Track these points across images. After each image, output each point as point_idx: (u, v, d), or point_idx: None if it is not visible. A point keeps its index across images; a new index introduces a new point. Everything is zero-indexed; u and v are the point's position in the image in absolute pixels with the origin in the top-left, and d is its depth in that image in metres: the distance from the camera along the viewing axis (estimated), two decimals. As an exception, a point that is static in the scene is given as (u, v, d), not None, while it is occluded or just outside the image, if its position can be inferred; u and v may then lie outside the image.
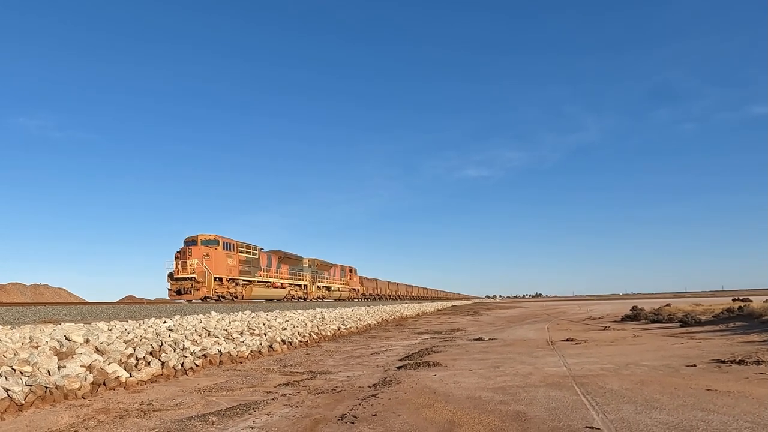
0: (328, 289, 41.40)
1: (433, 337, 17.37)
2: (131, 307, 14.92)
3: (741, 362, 8.43)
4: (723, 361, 8.68)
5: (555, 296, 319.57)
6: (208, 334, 12.08)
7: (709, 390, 6.41)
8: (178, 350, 9.92)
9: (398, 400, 6.46)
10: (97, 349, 8.40)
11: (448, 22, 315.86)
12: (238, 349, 11.41)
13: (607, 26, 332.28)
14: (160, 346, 9.73)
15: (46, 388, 6.53)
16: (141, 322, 12.01)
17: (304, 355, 12.38)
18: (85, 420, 5.72)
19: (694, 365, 8.52)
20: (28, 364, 6.80)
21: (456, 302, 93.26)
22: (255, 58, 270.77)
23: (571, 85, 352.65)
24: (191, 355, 9.87)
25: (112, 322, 11.13)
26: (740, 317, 17.39)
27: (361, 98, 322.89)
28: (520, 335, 17.31)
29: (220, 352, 10.75)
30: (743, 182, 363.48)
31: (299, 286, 35.56)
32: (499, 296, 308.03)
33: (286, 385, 7.99)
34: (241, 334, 13.16)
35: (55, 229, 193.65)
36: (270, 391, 7.42)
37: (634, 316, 23.47)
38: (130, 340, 9.58)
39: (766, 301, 20.77)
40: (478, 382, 7.58)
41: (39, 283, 46.54)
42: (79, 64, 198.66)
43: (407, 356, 11.54)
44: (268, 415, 5.86)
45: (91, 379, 7.26)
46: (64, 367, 7.17)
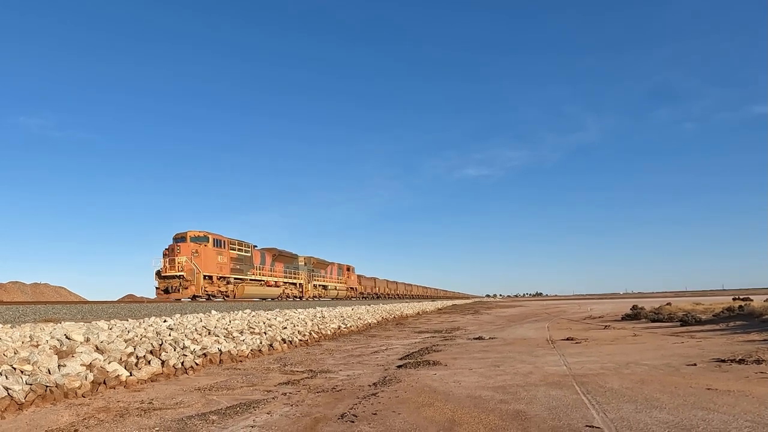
0: (324, 288, 40.58)
1: (433, 336, 17.38)
2: (131, 306, 14.93)
3: (741, 361, 8.43)
4: (723, 360, 8.68)
5: (555, 295, 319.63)
6: (209, 333, 12.09)
7: (709, 389, 6.41)
8: (179, 349, 9.93)
9: (398, 399, 6.46)
10: (98, 348, 8.41)
11: (448, 22, 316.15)
12: (238, 348, 11.41)
13: (607, 26, 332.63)
14: (161, 345, 9.73)
15: (47, 386, 6.54)
16: (141, 320, 12.02)
17: (305, 354, 12.38)
18: (85, 419, 5.72)
19: (695, 364, 8.52)
20: (29, 363, 6.80)
21: (456, 301, 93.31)
22: (255, 58, 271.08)
23: (571, 85, 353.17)
24: (191, 353, 9.88)
25: (112, 321, 11.14)
26: (740, 316, 17.39)
27: (361, 98, 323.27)
28: (520, 334, 17.32)
29: (220, 350, 10.76)
30: (743, 182, 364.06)
31: (294, 285, 34.61)
32: (500, 295, 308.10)
33: (286, 383, 8.00)
34: (242, 333, 13.16)
35: (56, 228, 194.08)
36: (270, 390, 7.42)
37: (635, 315, 23.48)
38: (130, 339, 9.59)
39: (767, 300, 20.78)
40: (478, 381, 7.58)
41: (39, 282, 46.54)
42: (80, 64, 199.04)
43: (407, 355, 11.55)
44: (268, 413, 5.86)
45: (92, 378, 7.27)
46: (65, 365, 7.17)
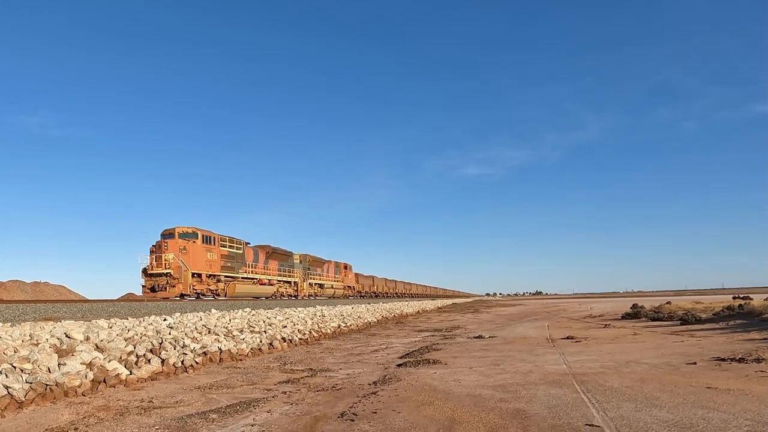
0: (320, 287, 39.54)
1: (433, 335, 17.39)
2: (131, 305, 14.93)
3: (741, 360, 8.43)
4: (723, 359, 8.69)
5: (555, 294, 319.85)
6: (209, 332, 12.09)
7: (709, 388, 6.41)
8: (179, 348, 9.93)
9: (398, 397, 6.46)
10: (98, 347, 8.41)
11: (448, 20, 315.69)
12: (238, 347, 11.42)
13: (608, 24, 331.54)
14: (161, 344, 9.74)
15: (47, 385, 6.54)
16: (141, 319, 12.02)
17: (305, 353, 12.39)
18: (85, 417, 5.72)
19: (695, 363, 8.52)
20: (29, 362, 6.80)
21: (456, 300, 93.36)
22: (255, 57, 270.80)
23: (572, 83, 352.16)
24: (191, 352, 9.88)
25: (112, 320, 11.14)
26: (740, 315, 17.39)
27: (362, 97, 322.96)
28: (520, 333, 17.33)
29: (220, 349, 10.76)
30: (743, 180, 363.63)
31: (289, 283, 33.49)
32: (500, 294, 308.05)
33: (286, 382, 8.00)
34: (242, 332, 13.17)
35: (56, 227, 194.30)
36: (270, 389, 7.42)
37: (635, 314, 23.49)
38: (130, 338, 9.59)
39: (767, 299, 20.78)
40: (478, 380, 7.58)
41: (39, 281, 46.57)
42: (79, 63, 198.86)
43: (407, 354, 11.55)
44: (268, 412, 5.86)
45: (92, 377, 7.27)
46: (65, 364, 7.17)
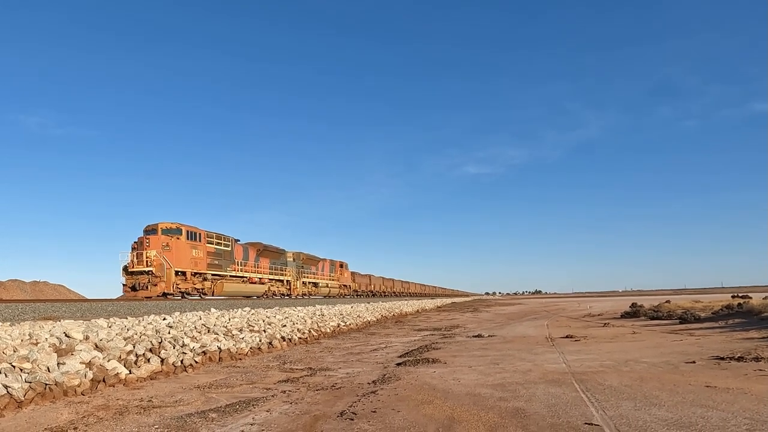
0: (314, 285, 38.12)
1: (432, 334, 17.40)
2: (131, 304, 14.92)
3: (740, 359, 8.45)
4: (722, 358, 8.70)
5: (554, 293, 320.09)
6: (208, 331, 12.09)
7: (708, 387, 6.42)
8: (178, 347, 9.93)
9: (398, 396, 6.46)
10: (97, 346, 8.41)
11: (448, 19, 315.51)
12: (237, 346, 11.42)
13: (608, 23, 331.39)
14: (160, 343, 9.74)
15: (46, 384, 6.53)
16: (140, 318, 12.02)
17: (304, 352, 12.39)
18: (84, 417, 5.72)
19: (694, 362, 8.54)
20: (28, 361, 6.80)
21: (455, 299, 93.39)
22: (255, 56, 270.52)
23: (572, 82, 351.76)
24: (191, 351, 9.88)
25: (111, 319, 11.13)
26: (739, 314, 17.42)
27: (362, 96, 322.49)
28: (519, 332, 17.34)
29: (219, 348, 10.76)
30: (743, 179, 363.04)
31: (281, 282, 32.06)
32: (499, 293, 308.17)
33: (285, 381, 8.00)
34: (241, 331, 13.17)
35: (55, 226, 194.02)
36: (269, 388, 7.42)
37: (634, 313, 23.51)
38: (129, 337, 9.59)
39: (766, 298, 20.82)
40: (477, 379, 7.59)
41: (38, 280, 46.61)
42: (80, 62, 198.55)
43: (407, 353, 11.56)
44: (267, 411, 5.87)
45: (91, 376, 7.27)
46: (64, 363, 7.17)
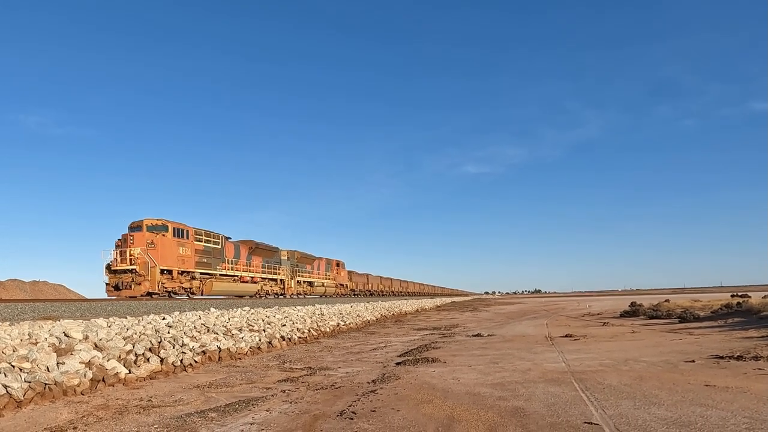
0: (310, 284, 37.22)
1: (432, 333, 17.41)
2: (130, 304, 14.91)
3: (739, 358, 8.45)
4: (721, 357, 8.71)
5: (554, 292, 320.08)
6: (207, 331, 12.09)
7: (707, 385, 6.42)
8: (177, 346, 9.93)
9: (397, 396, 6.47)
10: (96, 346, 8.40)
11: (447, 18, 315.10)
12: (237, 346, 11.42)
13: (608, 22, 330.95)
14: (159, 343, 9.73)
15: (45, 384, 6.53)
16: (140, 318, 12.00)
17: (303, 351, 12.39)
18: (84, 416, 5.72)
19: (693, 361, 8.55)
20: (27, 361, 6.79)
21: (455, 298, 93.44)
22: (255, 56, 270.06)
23: (572, 81, 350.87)
24: (190, 351, 9.88)
25: (111, 319, 11.12)
26: (738, 313, 17.44)
27: (362, 96, 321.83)
28: (519, 331, 17.35)
29: (219, 348, 10.76)
30: (743, 178, 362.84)
31: (275, 281, 31.11)
32: (498, 293, 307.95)
33: (285, 381, 8.00)
34: (240, 331, 13.17)
35: (55, 226, 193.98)
36: (269, 387, 7.42)
37: (633, 312, 23.53)
38: (129, 337, 9.58)
39: (765, 297, 20.85)
40: (477, 378, 7.59)
41: (38, 280, 46.64)
42: (80, 62, 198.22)
43: (406, 352, 11.57)
44: (267, 411, 5.87)
45: (90, 376, 7.26)
46: (63, 363, 7.17)
